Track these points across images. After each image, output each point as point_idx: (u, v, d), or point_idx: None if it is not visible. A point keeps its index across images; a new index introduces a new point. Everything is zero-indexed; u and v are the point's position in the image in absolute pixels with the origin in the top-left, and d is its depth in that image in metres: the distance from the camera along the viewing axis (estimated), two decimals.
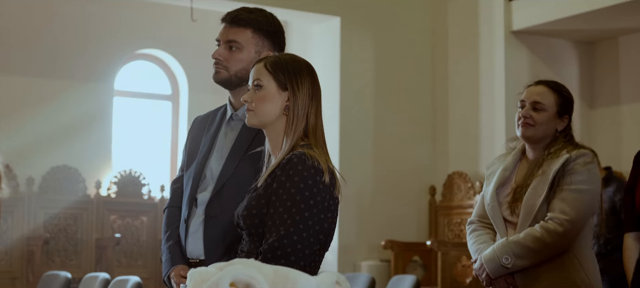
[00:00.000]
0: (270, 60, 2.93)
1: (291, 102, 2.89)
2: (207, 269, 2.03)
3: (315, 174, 2.79)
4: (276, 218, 2.77)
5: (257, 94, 2.90)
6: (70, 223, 10.00)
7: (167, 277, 3.26)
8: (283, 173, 2.79)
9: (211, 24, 10.64)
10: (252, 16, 3.33)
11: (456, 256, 9.71)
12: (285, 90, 2.90)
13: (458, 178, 10.43)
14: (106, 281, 7.20)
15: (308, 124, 2.90)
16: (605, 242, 7.07)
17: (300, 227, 2.76)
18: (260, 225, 2.82)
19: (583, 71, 10.49)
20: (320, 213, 2.80)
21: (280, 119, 2.90)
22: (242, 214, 2.86)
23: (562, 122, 3.85)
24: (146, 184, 10.44)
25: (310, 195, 2.78)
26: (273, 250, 2.74)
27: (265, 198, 2.82)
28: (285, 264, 2.70)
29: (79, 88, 10.37)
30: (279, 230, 2.75)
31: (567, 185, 3.68)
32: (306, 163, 2.79)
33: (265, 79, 2.91)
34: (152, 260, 10.23)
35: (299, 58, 2.98)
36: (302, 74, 2.92)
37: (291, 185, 2.77)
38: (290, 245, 2.74)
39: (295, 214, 2.76)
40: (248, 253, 2.85)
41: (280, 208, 2.77)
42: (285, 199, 2.77)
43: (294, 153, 2.81)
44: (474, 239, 3.93)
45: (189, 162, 3.41)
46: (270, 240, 2.75)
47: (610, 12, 9.36)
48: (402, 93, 10.82)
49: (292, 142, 2.86)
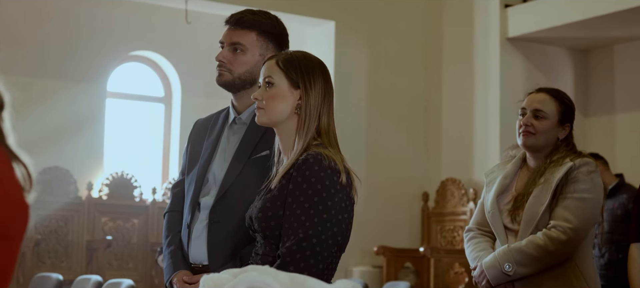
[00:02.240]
0: (282, 57, 2.88)
1: (303, 101, 2.83)
2: (220, 275, 1.99)
3: (332, 174, 2.74)
4: (293, 220, 2.71)
5: (268, 92, 2.84)
6: (61, 225, 9.93)
7: (169, 283, 3.21)
8: (299, 174, 2.73)
9: (205, 26, 10.65)
10: (257, 18, 3.29)
11: (449, 263, 9.69)
12: (297, 88, 2.83)
13: (451, 185, 10.41)
14: (98, 283, 7.14)
15: (320, 123, 2.84)
16: (617, 250, 7.05)
17: (318, 229, 2.71)
18: (276, 228, 2.76)
19: (578, 79, 10.49)
20: (338, 215, 2.75)
21: (291, 117, 2.83)
22: (257, 217, 2.79)
23: (564, 130, 3.83)
24: (138, 186, 10.38)
25: (327, 196, 2.72)
26: (292, 254, 2.69)
27: (281, 199, 2.76)
28: (304, 268, 2.66)
29: (72, 89, 10.31)
30: (297, 233, 2.70)
31: (570, 193, 3.66)
32: (322, 163, 2.74)
33: (276, 76, 2.84)
34: (143, 262, 10.17)
35: (312, 56, 2.93)
36: (315, 72, 2.86)
37: (308, 186, 2.72)
38: (309, 248, 2.69)
39: (314, 216, 2.71)
40: (263, 256, 2.79)
41: (297, 210, 2.72)
42: (302, 201, 2.72)
43: (310, 153, 2.75)
44: (472, 246, 3.89)
45: (190, 166, 3.37)
46: (288, 244, 2.70)
47: (605, 21, 9.36)
48: (396, 98, 10.80)
49: (305, 141, 2.80)
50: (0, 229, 1.49)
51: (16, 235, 1.54)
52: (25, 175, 1.59)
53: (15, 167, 1.57)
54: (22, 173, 1.58)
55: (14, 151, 1.58)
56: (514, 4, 10.12)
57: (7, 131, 1.60)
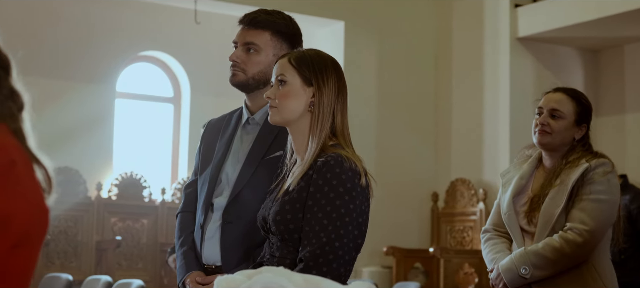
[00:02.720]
0: (294, 55, 2.86)
1: (316, 98, 2.79)
2: (235, 277, 1.98)
3: (353, 177, 2.71)
4: (315, 224, 2.68)
5: (281, 90, 2.80)
6: (70, 225, 9.93)
7: (182, 284, 3.19)
8: (319, 176, 2.70)
9: (214, 26, 10.64)
10: (271, 18, 3.27)
11: (458, 263, 9.66)
12: (310, 85, 2.80)
13: (461, 185, 10.38)
14: (108, 284, 7.13)
15: (335, 122, 2.80)
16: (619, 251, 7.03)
17: (341, 232, 2.67)
18: (295, 231, 2.72)
19: (588, 79, 10.45)
20: (358, 218, 2.72)
21: (304, 116, 2.80)
22: (275, 219, 2.75)
23: (580, 130, 3.80)
24: (147, 187, 10.38)
25: (349, 199, 2.69)
26: (315, 258, 2.65)
27: (300, 202, 2.72)
28: (327, 272, 2.64)
29: (81, 89, 10.31)
30: (320, 238, 2.67)
31: (586, 194, 3.63)
32: (343, 165, 2.71)
33: (289, 74, 2.81)
34: (152, 263, 10.17)
35: (324, 53, 2.89)
36: (328, 69, 2.83)
37: (330, 189, 2.68)
38: (331, 252, 2.66)
39: (336, 220, 2.67)
40: (281, 258, 2.76)
41: (319, 213, 2.68)
42: (324, 204, 2.68)
43: (330, 155, 2.72)
44: (489, 248, 3.87)
45: (203, 166, 3.35)
46: (311, 248, 2.67)
47: (616, 21, 9.32)
48: (405, 98, 10.78)
49: (320, 141, 2.76)
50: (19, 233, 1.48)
51: (35, 239, 1.53)
52: (45, 178, 1.57)
53: (36, 169, 1.56)
54: (43, 176, 1.57)
55: (35, 153, 1.57)
56: (524, 3, 10.08)
57: (27, 132, 1.59)
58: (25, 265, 1.51)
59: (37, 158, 1.56)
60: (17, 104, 1.58)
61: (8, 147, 1.49)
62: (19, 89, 1.61)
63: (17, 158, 1.49)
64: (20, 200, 1.47)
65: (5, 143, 1.49)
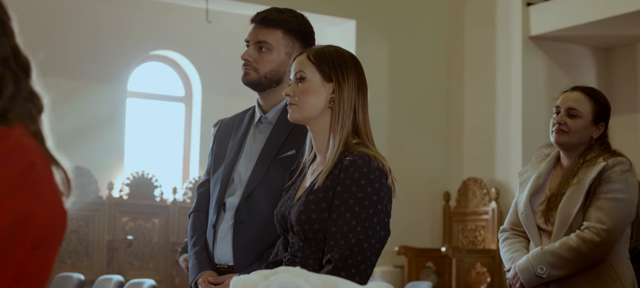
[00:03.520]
0: (313, 52, 2.81)
1: (336, 94, 2.75)
2: (250, 277, 1.95)
3: (380, 177, 2.67)
4: (343, 224, 2.63)
5: (300, 87, 2.75)
6: (82, 225, 9.92)
7: (195, 283, 3.17)
8: (347, 175, 2.65)
9: (225, 25, 10.62)
10: (283, 16, 3.24)
11: (471, 263, 9.64)
12: (330, 81, 2.75)
13: (473, 184, 10.34)
14: (120, 283, 7.13)
15: (356, 119, 2.76)
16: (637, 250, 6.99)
17: (369, 233, 2.63)
18: (320, 231, 2.67)
19: (601, 78, 10.40)
20: (385, 218, 2.70)
21: (325, 113, 2.75)
22: (300, 219, 2.69)
23: (598, 129, 3.78)
24: (158, 186, 10.37)
25: (377, 200, 2.65)
26: (344, 259, 2.61)
27: (326, 201, 2.67)
28: (355, 274, 2.61)
29: (92, 89, 10.31)
30: (348, 239, 2.62)
31: (603, 193, 3.61)
32: (371, 164, 2.66)
33: (308, 71, 2.76)
34: (164, 262, 10.16)
35: (344, 50, 2.85)
36: (347, 65, 2.78)
37: (358, 189, 2.64)
38: (360, 253, 2.62)
39: (364, 221, 2.63)
40: (303, 259, 2.70)
41: (346, 213, 2.63)
42: (351, 204, 2.63)
43: (357, 154, 2.67)
44: (507, 248, 3.85)
45: (215, 166, 3.33)
46: (339, 249, 2.62)
47: (628, 19, 9.28)
48: (417, 97, 10.74)
49: (342, 138, 2.71)
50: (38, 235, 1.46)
51: (54, 241, 1.51)
52: (64, 180, 1.55)
53: (54, 171, 1.54)
54: (61, 178, 1.55)
55: (54, 155, 1.55)
56: (536, 2, 10.04)
57: (46, 134, 1.57)
58: (43, 267, 1.49)
59: (56, 160, 1.54)
60: (36, 106, 1.58)
61: (27, 148, 1.48)
62: (39, 91, 1.59)
63: (36, 160, 1.48)
64: (38, 202, 1.46)
65: (24, 144, 1.47)
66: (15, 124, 1.51)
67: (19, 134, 1.49)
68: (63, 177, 1.55)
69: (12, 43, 1.58)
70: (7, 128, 1.48)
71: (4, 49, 1.54)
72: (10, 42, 1.57)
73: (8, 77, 1.53)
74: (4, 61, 1.54)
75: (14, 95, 1.53)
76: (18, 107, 1.53)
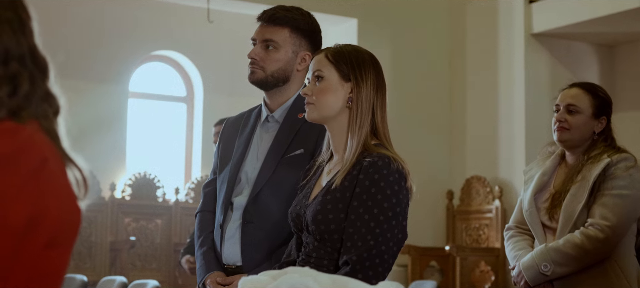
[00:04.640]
0: (331, 50, 2.78)
1: (355, 93, 2.71)
2: (259, 277, 1.94)
3: (400, 179, 2.66)
4: (361, 226, 2.60)
5: (318, 86, 2.72)
6: (84, 226, 9.91)
7: (203, 284, 3.15)
8: (366, 177, 2.62)
9: (227, 25, 10.61)
10: (290, 15, 3.22)
11: (474, 261, 9.61)
12: (348, 80, 2.72)
13: (476, 183, 10.32)
14: (123, 284, 7.10)
15: (375, 119, 2.73)
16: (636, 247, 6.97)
17: (387, 236, 2.61)
18: (335, 231, 2.64)
19: (603, 75, 10.38)
20: (403, 221, 2.68)
21: (343, 112, 2.72)
22: (317, 219, 2.66)
23: (600, 123, 3.77)
24: (161, 187, 10.36)
25: (397, 202, 2.63)
26: (362, 261, 2.58)
27: (343, 202, 2.64)
28: (372, 276, 2.59)
29: (94, 89, 10.29)
30: (366, 240, 2.59)
31: (608, 190, 3.59)
32: (391, 166, 2.64)
33: (326, 70, 2.73)
34: (167, 263, 10.14)
35: (362, 49, 2.82)
36: (366, 64, 2.76)
37: (377, 191, 2.61)
38: (378, 255, 2.60)
39: (383, 223, 2.60)
40: (318, 259, 2.68)
41: (365, 215, 2.60)
42: (370, 205, 2.60)
43: (377, 155, 2.65)
44: (511, 246, 3.84)
45: (222, 165, 3.31)
46: (357, 251, 2.59)
47: (631, 16, 9.25)
48: (419, 95, 10.72)
49: (360, 139, 2.68)
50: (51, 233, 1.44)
51: (67, 239, 1.49)
52: (79, 180, 1.53)
53: (69, 171, 1.51)
54: (76, 178, 1.52)
55: (69, 154, 1.53)
56: None
57: (62, 135, 1.55)
58: (57, 266, 1.47)
59: (71, 159, 1.52)
60: (52, 106, 1.56)
61: (40, 144, 1.46)
62: (56, 93, 1.58)
63: (49, 156, 1.45)
64: (52, 199, 1.43)
65: (37, 140, 1.45)
66: (28, 121, 1.48)
67: (31, 130, 1.47)
68: (78, 177, 1.53)
69: (30, 42, 1.56)
70: (19, 124, 1.46)
71: (21, 47, 1.53)
72: (28, 41, 1.55)
73: (24, 76, 1.52)
74: (20, 59, 1.52)
75: (29, 93, 1.51)
76: (33, 106, 1.51)
